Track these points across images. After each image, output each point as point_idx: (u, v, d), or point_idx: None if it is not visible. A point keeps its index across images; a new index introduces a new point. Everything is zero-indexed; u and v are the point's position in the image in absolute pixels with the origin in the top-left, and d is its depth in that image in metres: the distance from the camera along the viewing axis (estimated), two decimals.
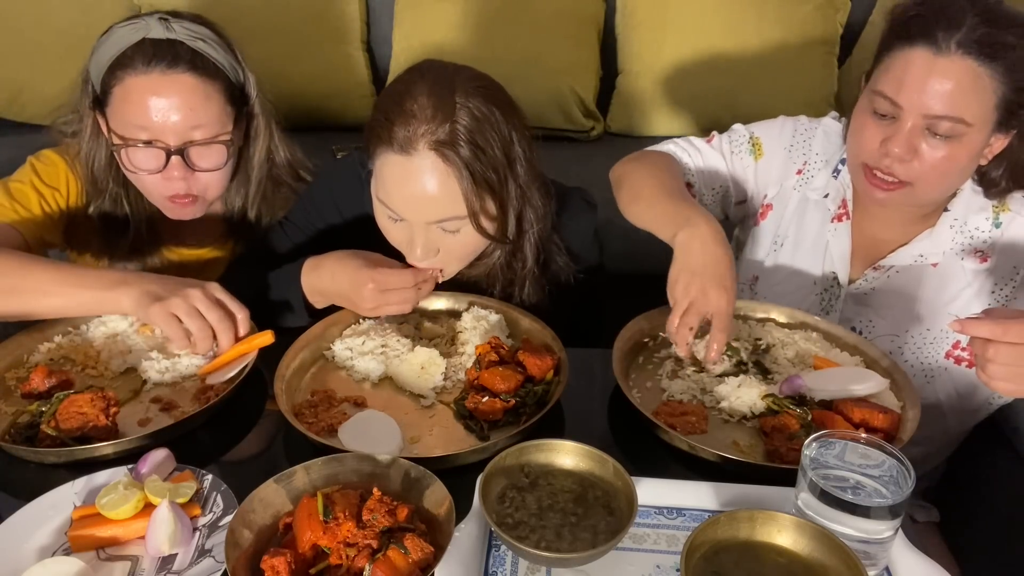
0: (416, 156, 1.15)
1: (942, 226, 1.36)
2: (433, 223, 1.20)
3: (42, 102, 2.45)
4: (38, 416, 1.09)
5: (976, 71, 1.17)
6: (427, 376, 1.19)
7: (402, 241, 1.25)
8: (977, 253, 1.36)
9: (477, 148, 1.15)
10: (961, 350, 1.39)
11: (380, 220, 1.26)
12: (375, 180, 1.23)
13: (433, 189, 1.16)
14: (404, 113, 1.15)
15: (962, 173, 1.28)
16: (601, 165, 2.47)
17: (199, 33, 1.34)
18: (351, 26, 2.65)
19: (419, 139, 1.14)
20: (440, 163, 1.14)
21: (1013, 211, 1.34)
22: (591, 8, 2.62)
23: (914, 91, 1.20)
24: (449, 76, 1.19)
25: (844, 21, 2.58)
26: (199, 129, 1.33)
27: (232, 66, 1.38)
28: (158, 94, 1.29)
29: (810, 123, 1.51)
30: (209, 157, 1.36)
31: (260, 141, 1.46)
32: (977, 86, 1.18)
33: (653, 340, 1.30)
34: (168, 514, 0.90)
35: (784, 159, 1.50)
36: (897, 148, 1.22)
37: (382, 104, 1.21)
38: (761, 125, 1.55)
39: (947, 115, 1.19)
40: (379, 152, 1.19)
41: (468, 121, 1.15)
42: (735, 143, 1.53)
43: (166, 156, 1.32)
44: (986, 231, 1.35)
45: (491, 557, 0.91)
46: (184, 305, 1.13)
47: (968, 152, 1.23)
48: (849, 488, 0.87)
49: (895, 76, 1.22)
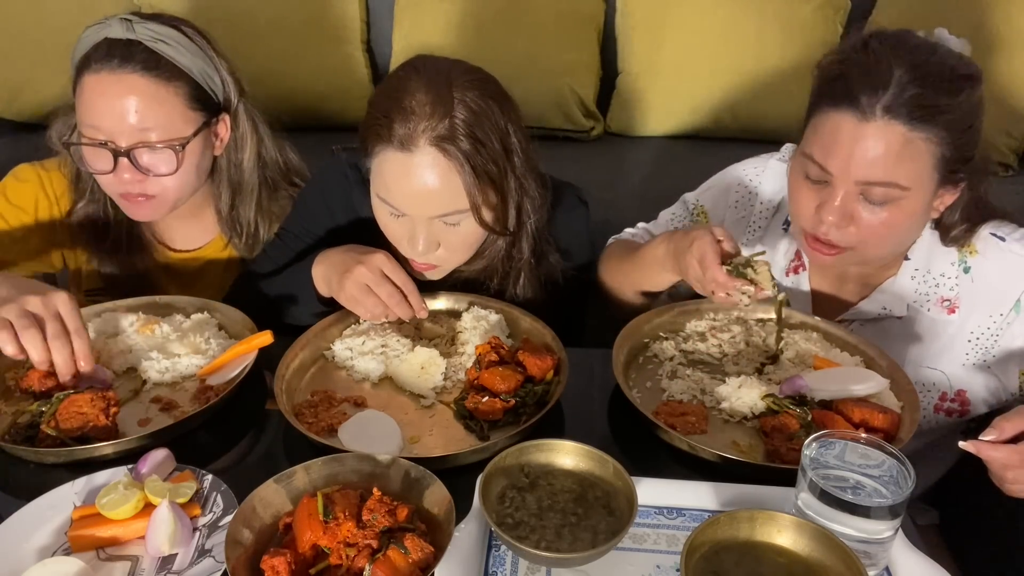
0: (417, 152, 1.15)
1: (903, 277, 1.30)
2: (435, 217, 1.20)
3: (42, 102, 2.45)
4: (38, 416, 1.09)
5: (907, 136, 1.10)
6: (427, 376, 1.19)
7: (403, 237, 1.25)
8: (944, 303, 1.29)
9: (476, 141, 1.16)
10: (950, 402, 1.33)
11: (380, 217, 1.27)
12: (374, 178, 1.24)
13: (434, 184, 1.17)
14: (403, 110, 1.15)
15: (908, 232, 1.22)
16: (601, 165, 2.47)
17: (162, 34, 1.32)
18: (351, 26, 2.65)
19: (419, 135, 1.15)
20: (441, 158, 1.15)
21: (980, 253, 1.26)
22: (591, 8, 2.62)
23: (842, 158, 1.13)
24: (445, 71, 1.20)
25: (844, 21, 2.58)
26: (151, 131, 1.30)
27: (202, 71, 1.36)
28: (105, 94, 1.29)
29: (755, 169, 1.45)
30: (159, 160, 1.33)
31: (248, 147, 1.45)
32: (910, 150, 1.11)
33: (653, 340, 1.30)
34: (168, 514, 0.90)
35: (733, 218, 1.46)
36: (831, 216, 1.16)
37: (378, 102, 1.21)
38: (707, 191, 1.51)
39: (880, 181, 1.12)
40: (378, 150, 1.19)
41: (466, 115, 1.16)
42: (678, 217, 1.52)
43: (113, 157, 1.30)
44: (952, 277, 1.28)
45: (491, 557, 0.91)
46: (16, 309, 1.07)
47: (910, 214, 1.16)
48: (849, 488, 0.87)
49: (823, 141, 1.16)
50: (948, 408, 1.33)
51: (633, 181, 2.39)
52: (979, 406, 1.32)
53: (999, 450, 0.96)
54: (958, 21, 2.37)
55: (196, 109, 1.36)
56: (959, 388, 1.31)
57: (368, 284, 1.22)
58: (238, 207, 1.49)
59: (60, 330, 1.09)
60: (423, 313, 1.27)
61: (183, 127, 1.34)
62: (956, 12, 2.39)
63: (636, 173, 2.45)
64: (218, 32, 1.45)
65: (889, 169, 1.12)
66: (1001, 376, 1.29)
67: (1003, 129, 2.42)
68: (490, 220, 1.23)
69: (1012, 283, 1.25)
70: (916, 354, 1.32)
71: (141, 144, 1.31)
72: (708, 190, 1.52)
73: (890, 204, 1.15)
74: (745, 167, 1.48)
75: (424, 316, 1.28)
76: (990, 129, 2.64)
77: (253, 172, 1.47)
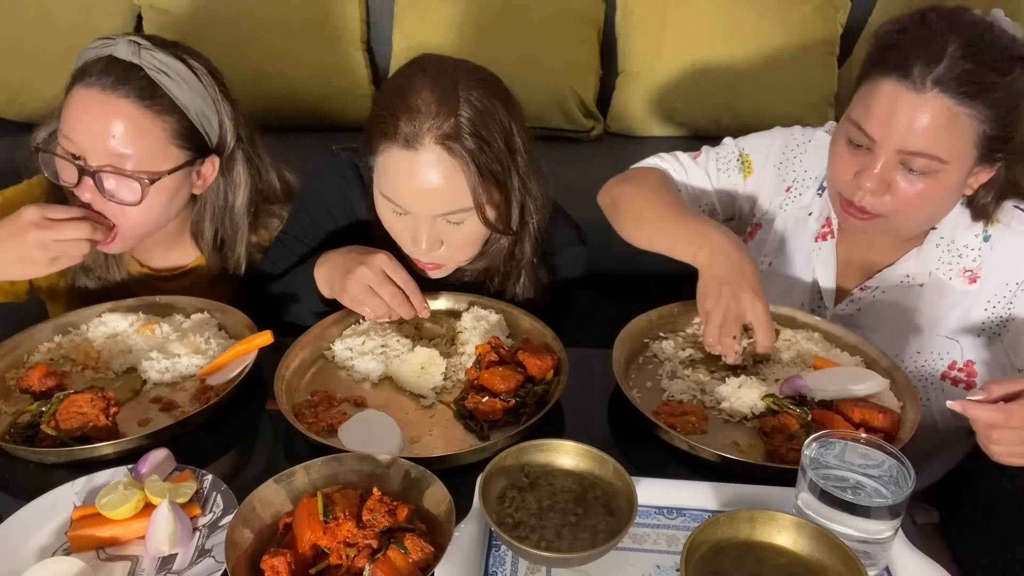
0: (422, 150, 1.16)
1: (928, 245, 1.32)
2: (438, 216, 1.21)
3: (42, 102, 2.45)
4: (38, 416, 1.09)
5: (953, 110, 1.12)
6: (427, 376, 1.19)
7: (406, 235, 1.25)
8: (966, 272, 1.31)
9: (481, 140, 1.17)
10: (958, 371, 1.35)
11: (383, 215, 1.27)
12: (378, 175, 1.24)
13: (439, 182, 1.17)
14: (408, 108, 1.16)
15: (941, 207, 1.24)
16: (601, 165, 2.46)
17: (167, 66, 1.28)
18: (351, 26, 2.65)
19: (424, 134, 1.15)
20: (446, 156, 1.16)
21: (1003, 223, 1.29)
22: (591, 8, 2.62)
23: (887, 126, 1.15)
24: (450, 70, 1.20)
25: (844, 21, 2.58)
26: (125, 159, 1.26)
27: (200, 110, 1.31)
28: (89, 111, 1.25)
29: (803, 136, 1.46)
30: (124, 189, 1.28)
31: (242, 192, 1.42)
32: (954, 125, 1.13)
33: (653, 340, 1.30)
34: (168, 514, 0.90)
35: (774, 177, 1.47)
36: (869, 183, 1.18)
37: (384, 100, 1.21)
38: (752, 140, 1.50)
39: (922, 152, 1.14)
40: (382, 147, 1.19)
41: (471, 114, 1.16)
42: (723, 160, 1.49)
43: (79, 174, 1.26)
44: (975, 248, 1.30)
45: (491, 557, 0.91)
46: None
47: (945, 188, 1.18)
48: (849, 488, 0.87)
49: (870, 108, 1.18)
50: (955, 377, 1.36)
51: None
52: (985, 378, 1.33)
53: (985, 409, 0.98)
54: None
55: (181, 147, 1.31)
56: (969, 359, 1.33)
57: (371, 284, 1.23)
58: (226, 247, 1.45)
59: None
60: (425, 313, 1.27)
61: (161, 162, 1.29)
62: None
63: None
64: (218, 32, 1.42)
65: (932, 141, 1.14)
66: (1011, 351, 1.30)
67: None
68: (493, 219, 1.24)
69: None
70: (933, 321, 1.34)
71: (110, 168, 1.26)
72: (755, 141, 1.50)
73: (927, 176, 1.16)
74: (794, 132, 1.49)
75: (426, 315, 1.28)
76: None
77: (244, 216, 1.44)
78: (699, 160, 1.51)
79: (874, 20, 2.57)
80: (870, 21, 2.58)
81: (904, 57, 1.15)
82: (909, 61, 1.14)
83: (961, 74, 1.11)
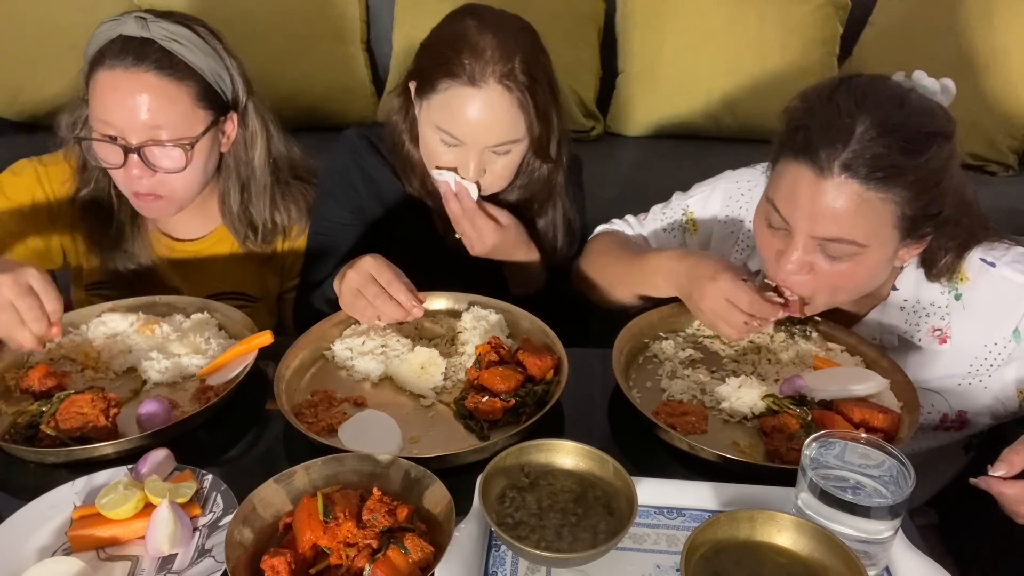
0: (485, 88, 1.27)
1: (892, 308, 1.27)
2: (491, 147, 1.32)
3: (42, 102, 2.46)
4: (38, 416, 1.09)
5: (864, 195, 1.06)
6: (427, 376, 1.19)
7: (451, 163, 1.35)
8: (935, 332, 1.25)
9: (533, 80, 1.30)
10: (951, 422, 1.30)
11: (430, 146, 1.36)
12: (434, 110, 1.32)
13: (498, 116, 1.30)
14: (472, 48, 1.27)
15: (870, 282, 1.19)
16: (601, 165, 2.46)
17: (176, 34, 1.33)
18: (351, 26, 2.65)
19: (488, 73, 1.27)
20: (506, 94, 1.28)
21: (971, 281, 1.22)
22: (591, 8, 2.62)
23: (800, 212, 1.11)
24: (503, 18, 1.35)
25: (844, 21, 2.58)
26: (161, 129, 1.32)
27: (213, 71, 1.37)
28: (119, 90, 1.30)
29: (748, 183, 1.41)
30: (169, 158, 1.35)
31: (259, 144, 1.46)
32: (867, 210, 1.07)
33: (653, 340, 1.30)
34: (168, 514, 0.90)
35: (721, 232, 1.45)
36: (790, 265, 1.14)
37: (443, 42, 1.32)
38: (697, 196, 1.49)
39: (836, 238, 1.10)
40: (444, 85, 1.29)
41: (525, 55, 1.30)
42: (667, 220, 1.51)
43: (124, 153, 1.32)
44: (943, 306, 1.24)
45: (491, 557, 0.91)
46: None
47: (869, 268, 1.14)
48: (849, 488, 0.87)
49: (783, 191, 1.14)
50: (949, 426, 1.32)
51: (633, 181, 2.38)
52: (980, 423, 1.30)
53: (1012, 486, 0.96)
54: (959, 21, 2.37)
55: (205, 108, 1.37)
56: (959, 409, 1.29)
57: (358, 288, 1.25)
58: (251, 205, 1.49)
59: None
60: (417, 312, 1.25)
61: (193, 125, 1.35)
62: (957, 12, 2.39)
63: (636, 173, 2.45)
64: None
65: (845, 226, 1.09)
66: (1001, 397, 1.26)
67: (1003, 129, 2.42)
68: (539, 148, 1.38)
69: (1007, 311, 1.21)
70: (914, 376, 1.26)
71: (151, 142, 1.32)
72: (699, 199, 1.49)
73: (847, 259, 1.12)
74: (738, 179, 1.45)
75: (419, 315, 1.26)
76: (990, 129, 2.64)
77: (265, 169, 1.48)
78: (645, 222, 1.54)
79: (874, 20, 2.57)
80: (870, 21, 2.58)
81: (810, 140, 1.09)
82: (815, 144, 1.08)
83: (871, 159, 1.05)
